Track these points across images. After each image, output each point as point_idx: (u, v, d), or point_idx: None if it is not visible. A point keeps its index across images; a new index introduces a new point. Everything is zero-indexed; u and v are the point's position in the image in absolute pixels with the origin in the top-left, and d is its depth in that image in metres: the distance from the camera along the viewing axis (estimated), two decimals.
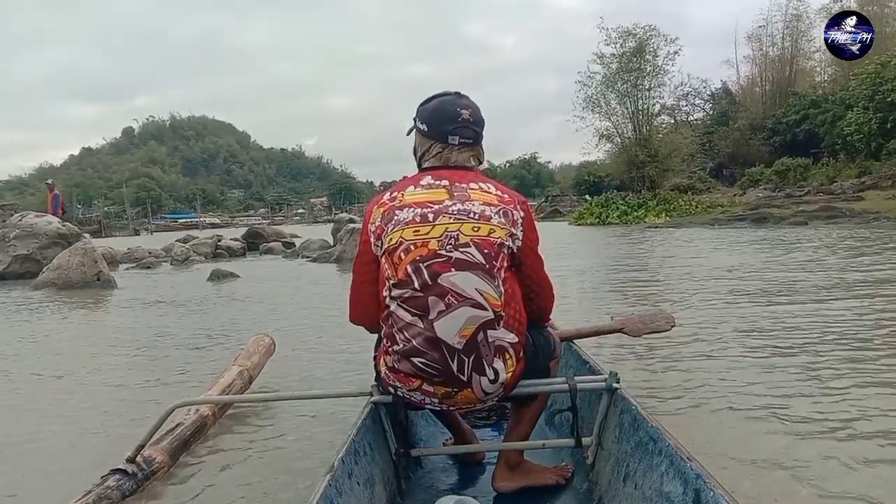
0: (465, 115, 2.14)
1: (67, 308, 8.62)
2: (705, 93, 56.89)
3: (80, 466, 2.92)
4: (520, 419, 2.28)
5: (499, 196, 2.09)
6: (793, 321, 5.32)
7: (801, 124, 40.65)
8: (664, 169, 35.53)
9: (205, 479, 2.80)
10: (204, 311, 7.80)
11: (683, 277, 8.82)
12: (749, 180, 38.69)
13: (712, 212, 26.80)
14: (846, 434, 2.89)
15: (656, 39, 34.73)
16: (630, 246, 16.41)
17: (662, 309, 3.15)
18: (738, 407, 3.30)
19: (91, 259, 10.79)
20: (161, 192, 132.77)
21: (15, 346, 6.05)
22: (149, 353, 5.46)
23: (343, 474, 1.80)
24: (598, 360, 2.84)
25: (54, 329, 7.02)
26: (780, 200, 27.01)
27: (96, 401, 4.08)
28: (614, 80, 35.44)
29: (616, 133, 37.14)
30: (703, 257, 11.74)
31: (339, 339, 5.41)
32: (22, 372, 5.01)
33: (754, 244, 13.82)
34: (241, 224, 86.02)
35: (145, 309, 8.20)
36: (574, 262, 12.10)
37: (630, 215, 29.82)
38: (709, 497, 1.48)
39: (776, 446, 2.77)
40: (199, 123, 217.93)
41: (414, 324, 1.95)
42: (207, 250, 18.62)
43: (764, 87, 50.80)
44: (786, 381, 3.70)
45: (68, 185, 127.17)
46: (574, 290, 8.28)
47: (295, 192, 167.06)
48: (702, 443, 2.71)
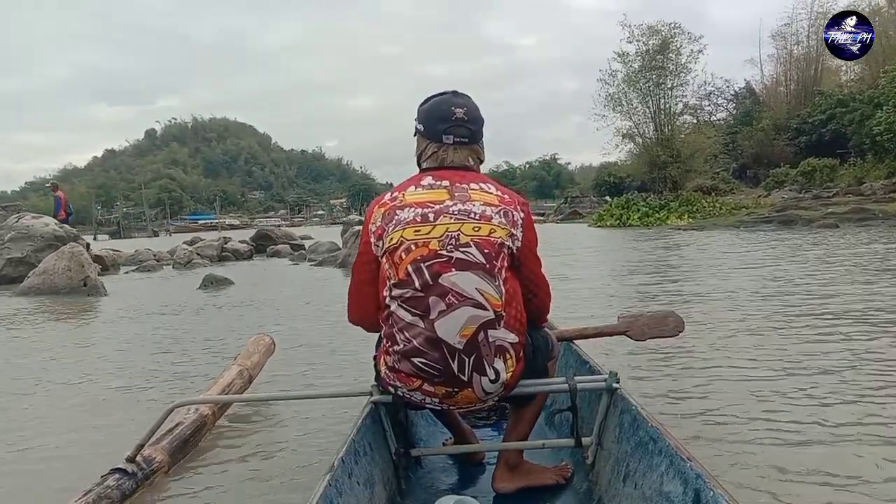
0: (460, 114, 2.13)
1: (42, 319, 7.99)
2: (728, 92, 56.09)
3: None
4: (519, 419, 2.28)
5: (499, 196, 2.08)
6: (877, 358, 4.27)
7: (827, 124, 39.63)
8: (687, 170, 35.03)
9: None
10: (182, 325, 7.11)
11: (722, 296, 7.42)
12: (774, 181, 37.81)
13: (737, 213, 26.08)
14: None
15: (680, 38, 34.01)
16: (654, 251, 15.25)
17: (673, 311, 2.91)
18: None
19: (78, 263, 10.22)
20: (182, 194, 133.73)
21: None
22: (97, 387, 4.61)
23: (343, 474, 1.80)
24: (598, 360, 2.81)
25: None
26: (807, 202, 26.13)
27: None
28: (636, 78, 34.84)
29: (637, 133, 36.59)
30: (744, 269, 10.06)
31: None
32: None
33: (788, 250, 12.81)
34: (260, 226, 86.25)
35: (120, 322, 7.52)
36: (588, 271, 11.23)
37: (651, 217, 29.16)
38: (708, 497, 1.47)
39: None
40: (220, 125, 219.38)
41: (414, 324, 1.96)
42: (213, 253, 18.18)
43: (788, 87, 49.82)
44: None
45: (91, 186, 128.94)
46: (589, 304, 7.58)
47: (315, 193, 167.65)
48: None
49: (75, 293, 10.01)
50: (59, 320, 7.95)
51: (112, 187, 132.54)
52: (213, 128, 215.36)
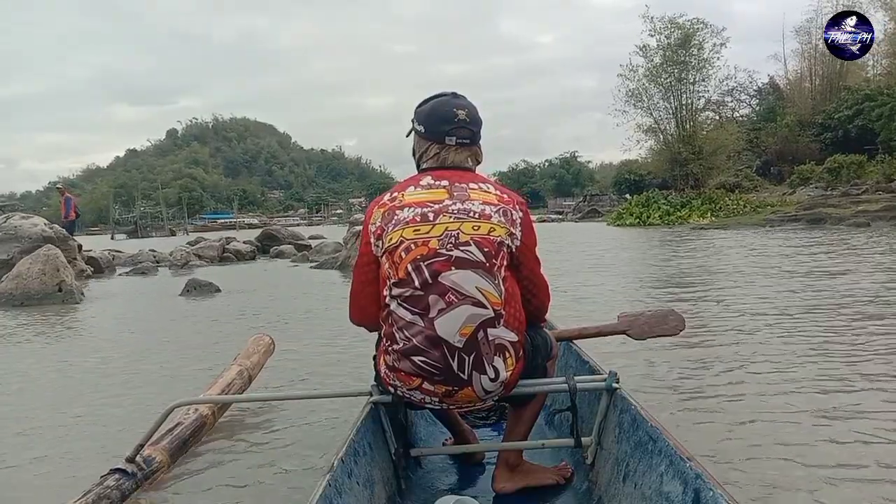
0: (462, 116, 2.15)
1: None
2: (751, 88, 54.83)
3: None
4: (518, 419, 2.29)
5: (498, 195, 2.11)
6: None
7: (853, 120, 38.51)
8: (709, 167, 34.18)
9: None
10: (147, 345, 6.08)
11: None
12: (799, 178, 36.81)
13: (762, 212, 25.25)
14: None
15: (703, 32, 33.07)
16: (678, 256, 13.55)
17: (674, 309, 2.90)
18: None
19: (53, 267, 9.54)
20: (202, 193, 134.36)
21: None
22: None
23: (343, 474, 1.79)
24: (598, 360, 2.76)
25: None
26: (836, 199, 25.00)
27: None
28: (658, 73, 33.91)
29: (658, 129, 35.72)
30: (790, 282, 8.24)
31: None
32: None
33: (828, 256, 11.19)
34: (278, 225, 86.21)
35: (62, 342, 6.68)
36: (606, 278, 9.99)
37: (673, 216, 28.44)
38: (708, 497, 1.47)
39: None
40: (240, 125, 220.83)
41: (414, 322, 1.97)
42: (214, 254, 17.56)
43: (813, 82, 48.54)
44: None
45: (112, 186, 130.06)
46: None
47: (334, 192, 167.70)
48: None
49: (47, 299, 9.32)
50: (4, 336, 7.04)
51: (132, 187, 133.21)
52: (233, 127, 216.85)
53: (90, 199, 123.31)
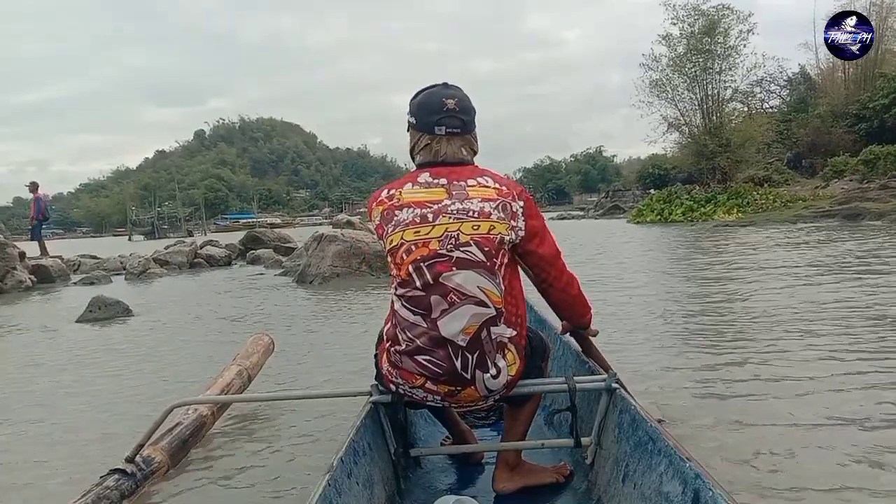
0: (451, 105, 2.12)
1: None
2: (781, 78, 52.96)
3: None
4: (515, 419, 2.29)
5: (497, 189, 2.08)
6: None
7: (890, 109, 36.97)
8: (737, 160, 32.67)
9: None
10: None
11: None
12: (832, 171, 35.26)
13: (793, 207, 23.72)
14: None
15: (728, 18, 31.50)
16: (695, 269, 11.66)
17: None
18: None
19: None
20: (229, 193, 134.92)
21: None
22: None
23: (342, 474, 1.79)
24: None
25: None
26: (874, 192, 23.30)
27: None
28: (682, 62, 32.44)
29: (683, 121, 34.28)
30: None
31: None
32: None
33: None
34: (301, 224, 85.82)
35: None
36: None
37: (696, 212, 27.07)
38: (708, 497, 1.46)
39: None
40: (267, 125, 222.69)
41: (417, 323, 1.99)
42: (183, 260, 16.47)
43: (847, 71, 46.60)
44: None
45: (137, 187, 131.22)
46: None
47: (359, 191, 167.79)
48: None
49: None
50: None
51: (159, 188, 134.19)
52: (259, 127, 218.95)
53: (117, 200, 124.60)
